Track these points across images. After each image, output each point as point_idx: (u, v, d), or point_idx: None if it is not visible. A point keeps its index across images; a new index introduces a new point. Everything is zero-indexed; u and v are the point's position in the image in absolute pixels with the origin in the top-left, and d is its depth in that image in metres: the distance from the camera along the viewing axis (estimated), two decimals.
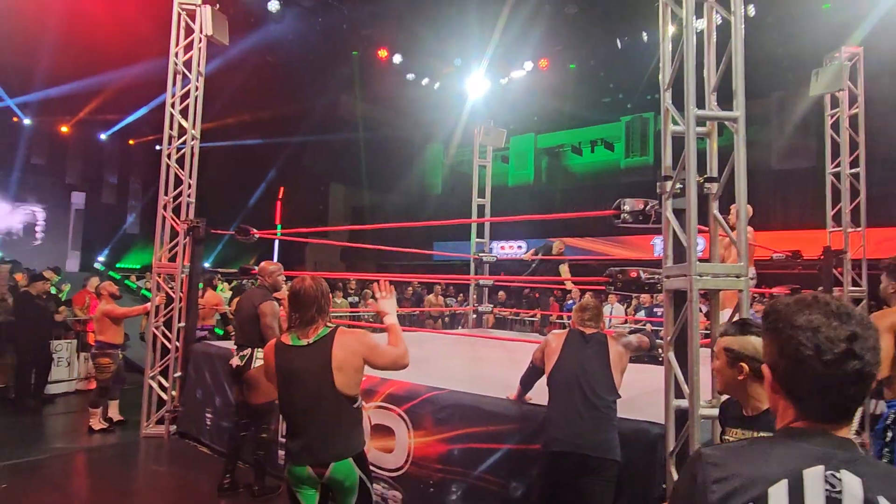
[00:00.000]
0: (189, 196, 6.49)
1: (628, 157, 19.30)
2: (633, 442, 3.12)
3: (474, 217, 8.56)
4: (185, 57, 6.55)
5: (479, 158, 8.79)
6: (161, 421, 6.20)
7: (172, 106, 6.51)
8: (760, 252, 7.07)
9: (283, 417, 2.65)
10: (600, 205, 4.78)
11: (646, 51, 14.93)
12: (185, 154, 6.50)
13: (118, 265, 20.69)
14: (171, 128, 6.51)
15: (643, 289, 3.44)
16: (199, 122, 6.58)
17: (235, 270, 9.62)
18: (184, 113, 6.53)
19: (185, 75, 6.56)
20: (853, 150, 7.03)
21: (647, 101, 17.68)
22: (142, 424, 6.17)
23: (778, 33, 13.40)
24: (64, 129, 19.80)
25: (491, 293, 9.48)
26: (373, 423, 4.23)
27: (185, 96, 6.55)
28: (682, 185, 3.00)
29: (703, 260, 3.04)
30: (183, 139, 6.52)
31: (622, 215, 3.48)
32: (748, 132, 3.06)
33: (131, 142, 21.60)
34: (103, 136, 21.00)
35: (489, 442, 3.64)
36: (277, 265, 4.75)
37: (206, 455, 5.59)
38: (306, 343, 2.55)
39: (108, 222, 21.18)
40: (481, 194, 8.69)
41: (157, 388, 6.26)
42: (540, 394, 3.41)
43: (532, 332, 11.49)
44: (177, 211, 6.48)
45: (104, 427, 6.26)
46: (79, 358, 8.47)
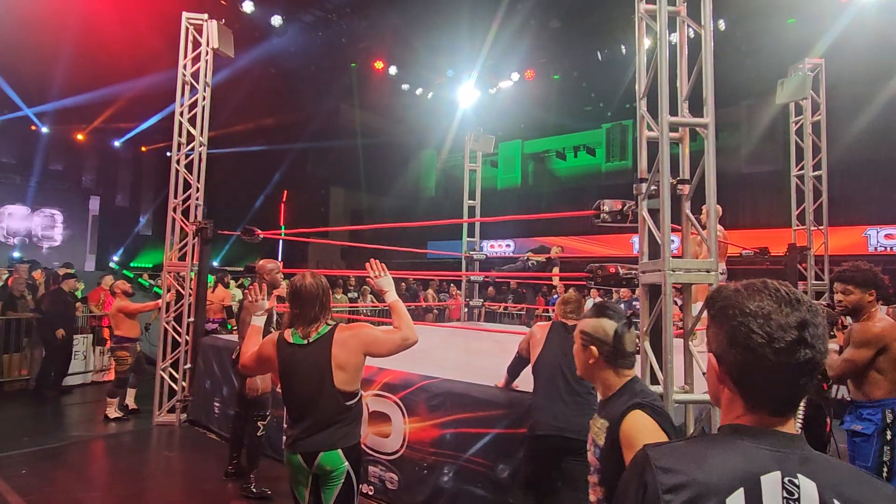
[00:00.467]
0: (197, 199, 6.46)
1: (609, 162, 19.36)
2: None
3: (465, 218, 8.57)
4: (193, 69, 6.52)
5: (470, 163, 8.81)
6: (172, 410, 6.18)
7: (181, 115, 6.47)
8: (731, 249, 7.12)
9: (285, 406, 2.54)
10: (583, 206, 4.78)
11: (624, 63, 14.98)
12: (193, 160, 6.48)
13: (132, 264, 20.57)
14: (181, 135, 6.47)
15: (621, 283, 3.46)
16: (207, 129, 6.55)
17: (241, 269, 9.59)
18: (192, 121, 6.50)
19: (193, 86, 6.53)
20: (815, 154, 7.09)
21: (626, 109, 17.75)
22: (154, 413, 6.15)
23: (746, 46, 13.47)
24: (80, 136, 19.66)
25: (481, 289, 9.49)
26: (371, 410, 4.23)
27: (193, 106, 6.52)
28: (656, 187, 3.01)
29: (677, 256, 3.06)
30: (191, 146, 6.49)
31: (601, 215, 3.49)
32: (719, 138, 3.08)
33: (143, 149, 21.48)
34: (117, 144, 20.87)
35: (479, 427, 3.65)
36: (276, 263, 4.52)
37: (214, 441, 5.58)
38: (307, 342, 2.43)
39: (122, 224, 21.06)
40: (472, 196, 8.70)
41: (168, 379, 6.24)
42: (526, 382, 3.42)
43: (520, 324, 11.50)
44: (186, 213, 6.44)
45: (119, 416, 6.24)
46: (94, 352, 8.41)
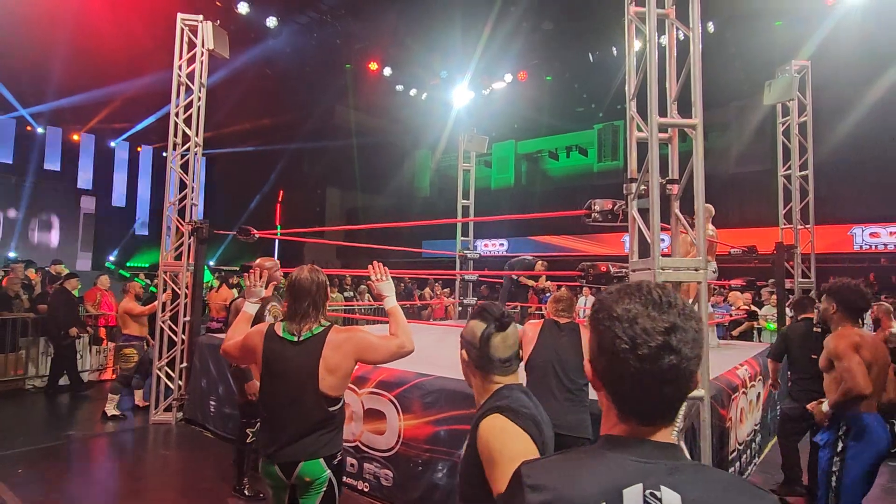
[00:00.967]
0: (193, 199, 6.42)
1: (601, 162, 19.41)
2: None
3: (459, 217, 8.57)
4: (188, 69, 6.47)
5: (464, 163, 8.80)
6: (169, 408, 6.14)
7: (177, 115, 6.42)
8: (720, 248, 7.15)
9: (262, 407, 2.33)
10: (575, 205, 4.78)
11: (616, 64, 15.03)
12: (189, 160, 6.44)
13: (128, 264, 20.44)
14: (176, 136, 6.43)
15: (612, 281, 3.46)
16: (202, 130, 6.51)
17: (237, 268, 9.55)
18: (187, 122, 6.45)
19: (188, 87, 6.48)
20: (802, 154, 7.12)
21: (618, 110, 17.78)
22: (151, 412, 6.12)
23: (734, 48, 13.55)
24: (75, 136, 19.53)
25: (475, 287, 9.50)
26: (366, 407, 4.22)
27: (188, 106, 6.47)
28: (645, 187, 3.02)
29: (666, 255, 3.07)
30: (187, 146, 6.45)
31: (592, 215, 3.50)
32: (708, 139, 3.09)
33: (139, 148, 21.35)
34: (112, 144, 20.73)
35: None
36: (274, 261, 4.25)
37: (210, 439, 5.55)
38: (297, 339, 2.24)
39: (118, 224, 20.93)
40: (466, 196, 8.70)
41: (164, 378, 6.20)
42: (518, 379, 3.43)
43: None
44: (182, 213, 6.41)
45: (117, 414, 6.20)
46: (91, 351, 8.34)
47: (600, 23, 14.28)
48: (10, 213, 18.10)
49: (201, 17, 6.47)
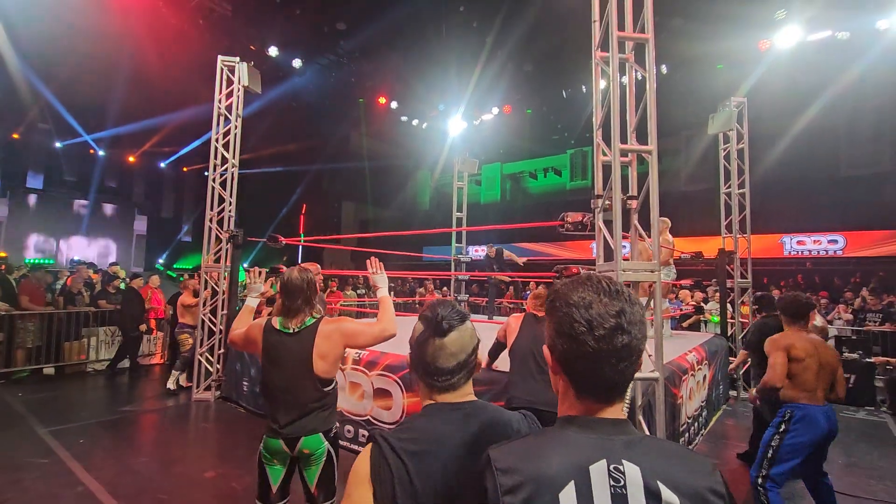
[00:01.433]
0: (230, 211, 6.41)
1: (573, 181, 19.44)
2: None
3: (454, 227, 8.59)
4: (226, 103, 6.47)
5: (458, 182, 8.82)
6: (208, 388, 6.11)
7: (217, 141, 6.41)
8: (674, 253, 7.16)
9: (263, 392, 2.29)
10: (550, 217, 4.78)
11: (585, 99, 15.14)
12: (227, 178, 6.42)
13: (174, 266, 20.35)
14: (216, 158, 6.42)
15: None
16: (238, 153, 6.50)
17: (267, 270, 9.50)
18: (226, 147, 6.45)
19: (226, 117, 6.48)
20: (740, 175, 7.16)
21: (587, 137, 17.64)
22: (193, 391, 6.08)
23: (684, 86, 13.63)
24: (131, 159, 19.47)
25: (467, 286, 9.48)
26: (375, 387, 4.21)
27: (226, 133, 6.47)
28: (609, 202, 3.03)
29: (627, 259, 3.08)
30: (225, 167, 6.44)
31: (566, 225, 3.51)
32: (662, 162, 3.11)
33: (185, 169, 21.30)
34: (163, 165, 20.69)
35: None
36: (315, 265, 4.05)
37: (243, 414, 5.51)
38: (292, 331, 2.21)
39: (167, 232, 20.86)
40: (459, 209, 8.71)
41: (205, 363, 6.16)
42: (503, 363, 3.43)
43: (500, 315, 11.50)
44: (221, 223, 6.39)
45: (173, 389, 6.29)
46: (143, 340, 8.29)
47: (572, 65, 14.38)
48: (74, 243, 18.03)
49: (238, 58, 6.48)
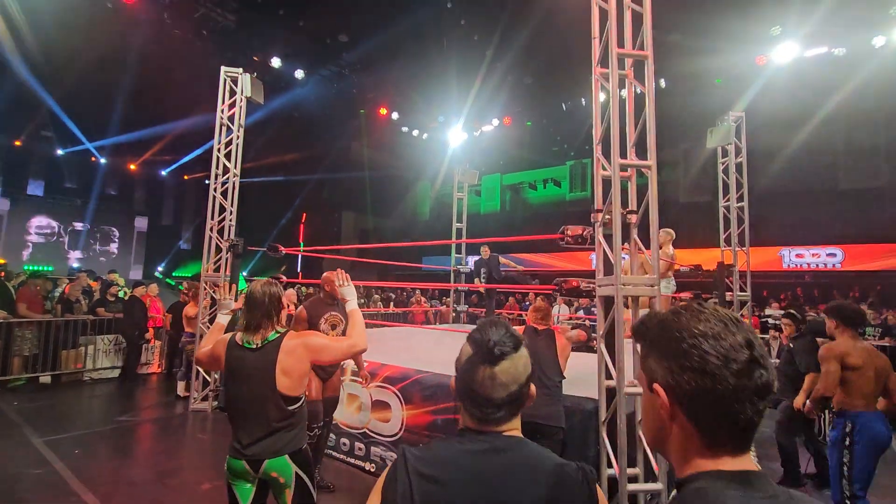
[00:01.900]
0: (231, 221, 6.42)
1: (572, 192, 19.53)
2: (576, 413, 3.13)
3: (453, 238, 8.60)
4: (229, 113, 6.50)
5: (458, 193, 8.83)
6: (205, 398, 6.07)
7: (219, 151, 6.43)
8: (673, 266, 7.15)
9: (226, 411, 2.19)
10: (550, 228, 4.74)
11: (584, 112, 15.27)
12: (228, 188, 6.44)
13: (173, 273, 20.31)
14: (218, 168, 6.43)
15: (581, 294, 3.46)
16: (240, 163, 6.52)
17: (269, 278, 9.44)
18: (228, 156, 6.47)
19: (228, 128, 6.51)
20: (739, 189, 7.18)
21: (586, 149, 17.89)
22: (190, 400, 6.04)
23: (682, 99, 13.77)
24: (132, 167, 19.53)
25: (466, 296, 9.46)
26: (373, 399, 4.19)
27: (228, 144, 6.49)
28: (609, 217, 3.04)
29: (625, 273, 3.08)
30: (226, 177, 6.45)
31: (566, 238, 3.51)
32: (661, 173, 3.12)
33: (186, 177, 21.36)
34: (163, 173, 20.75)
35: None
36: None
37: None
38: (255, 346, 2.11)
39: (166, 240, 20.85)
40: (459, 220, 8.70)
41: (203, 372, 6.12)
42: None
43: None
44: (221, 232, 6.39)
45: (186, 395, 6.33)
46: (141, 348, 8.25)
47: (571, 79, 14.53)
48: (76, 229, 18.08)
49: (241, 69, 6.53)
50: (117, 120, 15.74)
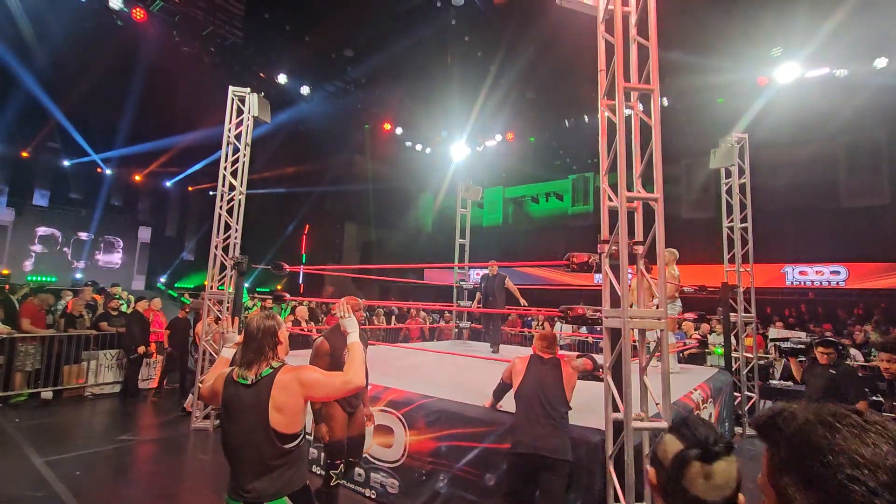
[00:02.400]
0: (236, 238, 6.43)
1: (574, 206, 19.53)
2: (581, 445, 3.07)
3: (456, 254, 8.62)
4: (236, 131, 6.56)
5: (461, 208, 8.84)
6: (207, 416, 6.03)
7: (225, 169, 6.48)
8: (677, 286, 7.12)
9: (223, 448, 2.11)
10: (552, 242, 4.69)
11: (586, 128, 15.37)
12: (233, 205, 6.47)
13: (176, 285, 20.31)
14: (224, 185, 6.47)
15: (587, 322, 3.45)
16: (246, 181, 6.55)
17: (268, 291, 9.42)
18: (234, 174, 6.51)
19: (235, 146, 6.56)
20: (742, 209, 7.18)
21: (588, 164, 18.03)
22: (192, 419, 6.00)
23: (685, 116, 13.83)
24: (137, 178, 19.65)
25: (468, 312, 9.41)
26: (376, 423, 4.15)
27: (235, 161, 6.54)
28: (616, 248, 3.03)
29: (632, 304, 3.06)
30: (232, 194, 6.49)
31: (571, 265, 3.50)
32: (663, 189, 3.07)
33: (190, 188, 21.45)
34: (168, 184, 20.85)
35: (469, 441, 3.58)
36: (357, 301, 3.45)
37: None
38: (249, 382, 2.04)
39: (169, 251, 20.88)
40: (462, 235, 8.70)
41: None
42: (507, 402, 3.39)
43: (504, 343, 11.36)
44: (226, 249, 6.41)
45: (191, 410, 6.28)
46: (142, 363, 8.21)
47: (573, 95, 14.63)
48: (80, 238, 18.17)
49: (248, 89, 6.59)
50: (124, 132, 15.90)
